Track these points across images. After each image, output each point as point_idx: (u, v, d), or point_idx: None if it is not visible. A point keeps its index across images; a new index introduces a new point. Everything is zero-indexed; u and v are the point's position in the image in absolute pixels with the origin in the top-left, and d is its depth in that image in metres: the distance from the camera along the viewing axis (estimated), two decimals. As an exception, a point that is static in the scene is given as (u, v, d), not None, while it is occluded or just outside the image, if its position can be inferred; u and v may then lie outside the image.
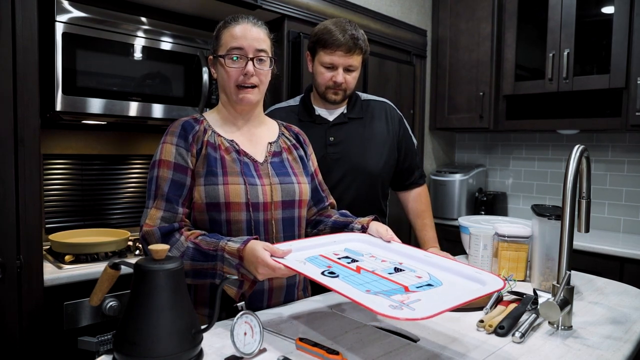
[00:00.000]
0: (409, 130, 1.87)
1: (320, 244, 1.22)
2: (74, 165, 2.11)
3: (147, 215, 1.17)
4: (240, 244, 1.10)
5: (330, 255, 1.15)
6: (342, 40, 1.57)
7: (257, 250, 1.06)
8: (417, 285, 0.99)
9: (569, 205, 1.14)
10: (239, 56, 1.23)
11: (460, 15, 3.12)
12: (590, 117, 2.65)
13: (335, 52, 1.59)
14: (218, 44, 1.27)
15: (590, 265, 2.30)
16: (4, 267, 1.39)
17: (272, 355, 0.94)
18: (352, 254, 1.19)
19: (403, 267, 1.10)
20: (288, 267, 1.03)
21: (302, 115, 1.73)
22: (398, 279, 1.03)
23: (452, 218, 3.08)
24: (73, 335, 1.58)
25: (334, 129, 1.71)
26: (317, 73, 1.66)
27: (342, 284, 0.98)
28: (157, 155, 1.22)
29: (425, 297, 0.93)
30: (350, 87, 1.67)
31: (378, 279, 1.02)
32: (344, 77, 1.62)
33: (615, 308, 1.30)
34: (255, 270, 1.06)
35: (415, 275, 1.05)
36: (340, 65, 1.61)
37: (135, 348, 0.84)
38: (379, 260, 1.14)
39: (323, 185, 1.47)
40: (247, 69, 1.23)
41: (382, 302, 0.89)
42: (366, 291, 0.95)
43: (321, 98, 1.70)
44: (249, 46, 1.23)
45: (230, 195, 1.19)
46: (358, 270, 1.07)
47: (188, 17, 2.23)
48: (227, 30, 1.25)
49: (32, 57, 1.44)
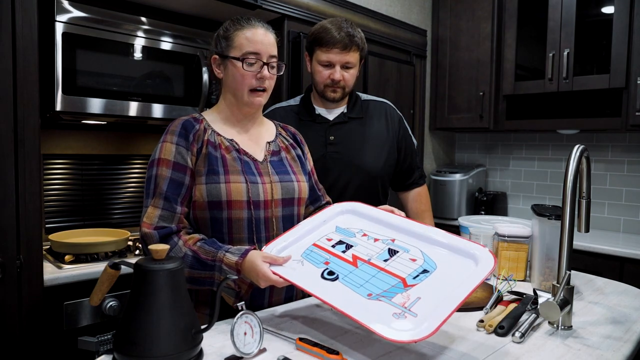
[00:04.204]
0: (408, 130, 1.87)
1: (312, 227, 1.23)
2: (74, 165, 2.11)
3: (145, 214, 1.17)
4: (238, 257, 1.09)
5: (324, 244, 1.16)
6: (338, 38, 1.59)
7: (257, 264, 1.06)
8: (414, 275, 1.02)
9: (569, 205, 1.14)
10: (255, 60, 1.24)
11: (460, 15, 3.12)
12: (590, 117, 2.65)
13: (331, 49, 1.60)
14: (230, 44, 1.25)
15: (590, 265, 2.30)
16: (4, 267, 1.39)
17: (272, 355, 0.94)
18: (344, 235, 1.19)
19: (396, 247, 1.12)
20: (288, 280, 1.04)
21: (303, 114, 1.73)
22: (394, 267, 1.05)
23: (452, 218, 3.08)
24: (73, 335, 1.58)
25: (334, 129, 1.71)
26: (315, 72, 1.67)
27: (342, 288, 1.00)
28: (157, 154, 1.21)
29: (424, 293, 0.97)
30: (349, 85, 1.68)
31: (376, 273, 1.04)
32: (341, 74, 1.63)
33: (615, 308, 1.30)
34: (257, 282, 1.08)
35: (410, 258, 1.08)
36: (337, 62, 1.62)
37: (135, 348, 0.84)
38: (371, 240, 1.16)
39: (319, 185, 1.49)
40: (262, 74, 1.24)
41: (385, 311, 0.93)
42: (368, 295, 0.97)
43: (320, 97, 1.71)
44: (265, 51, 1.25)
45: (232, 193, 1.19)
46: (354, 261, 1.08)
47: (188, 17, 2.23)
48: (242, 33, 1.25)
49: (32, 57, 1.44)
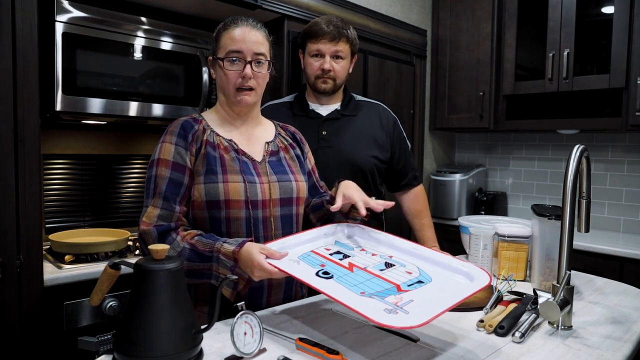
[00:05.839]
0: (403, 132, 1.91)
1: (311, 238, 1.22)
2: (74, 165, 2.11)
3: (145, 213, 1.18)
4: (235, 246, 1.10)
5: (322, 252, 1.16)
6: (326, 30, 1.66)
7: (253, 253, 1.06)
8: (409, 283, 1.00)
9: (569, 205, 1.14)
10: (238, 59, 1.25)
11: (460, 15, 3.12)
12: (590, 117, 2.64)
13: (320, 40, 1.67)
14: (217, 46, 1.28)
15: (590, 265, 2.30)
16: (4, 267, 1.39)
17: (272, 355, 0.94)
18: (343, 247, 1.19)
19: (393, 262, 1.11)
20: (283, 270, 1.03)
21: (297, 109, 1.77)
22: (389, 276, 1.03)
23: (452, 218, 3.08)
24: (73, 335, 1.58)
25: (327, 124, 1.75)
26: (307, 64, 1.73)
27: (336, 285, 0.98)
28: (156, 154, 1.23)
29: (418, 297, 0.94)
30: (340, 77, 1.71)
31: (371, 278, 1.02)
32: (331, 64, 1.68)
33: (615, 308, 1.30)
34: (251, 272, 1.07)
35: (406, 271, 1.06)
36: (327, 52, 1.68)
37: (135, 348, 0.84)
38: (369, 254, 1.15)
39: (321, 183, 1.49)
40: (245, 72, 1.25)
41: (377, 306, 0.90)
42: (361, 293, 0.96)
43: (313, 90, 1.75)
44: (247, 49, 1.25)
45: (230, 193, 1.20)
46: (350, 267, 1.07)
47: (188, 17, 2.23)
48: (227, 33, 1.27)
49: (32, 57, 1.44)
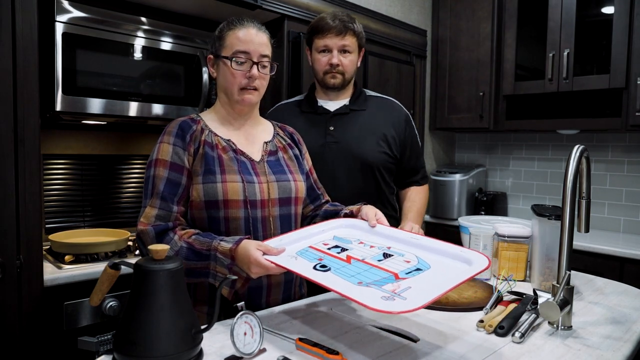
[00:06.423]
0: (415, 129, 1.85)
1: (309, 234, 1.22)
2: (74, 165, 2.11)
3: (143, 213, 1.19)
4: (232, 244, 1.10)
5: (320, 247, 1.16)
6: (332, 24, 1.66)
7: (250, 250, 1.07)
8: (407, 271, 0.99)
9: (569, 205, 1.14)
10: (245, 60, 1.25)
11: (460, 15, 3.12)
12: (590, 117, 2.64)
13: (326, 35, 1.66)
14: (222, 44, 1.28)
15: (590, 265, 2.30)
16: (4, 267, 1.39)
17: (272, 355, 0.94)
18: (341, 242, 1.19)
19: (392, 252, 1.10)
20: (280, 265, 1.03)
21: (305, 106, 1.77)
22: (388, 265, 1.03)
23: (452, 218, 3.08)
24: (73, 335, 1.58)
25: (335, 119, 1.73)
26: (315, 60, 1.72)
27: (333, 277, 0.98)
28: (154, 155, 1.23)
29: (415, 283, 0.93)
30: (348, 71, 1.71)
31: (369, 268, 1.02)
32: (339, 58, 1.68)
33: (615, 308, 1.30)
34: (248, 269, 1.07)
35: (404, 260, 1.06)
36: (334, 46, 1.67)
37: (135, 348, 0.84)
38: (367, 247, 1.15)
39: (318, 184, 1.49)
40: (252, 73, 1.25)
41: (374, 294, 0.89)
42: (358, 283, 0.95)
43: (322, 86, 1.74)
44: (254, 51, 1.25)
45: (229, 193, 1.20)
46: (348, 260, 1.07)
47: (188, 17, 2.23)
48: (233, 32, 1.26)
49: (32, 57, 1.44)
